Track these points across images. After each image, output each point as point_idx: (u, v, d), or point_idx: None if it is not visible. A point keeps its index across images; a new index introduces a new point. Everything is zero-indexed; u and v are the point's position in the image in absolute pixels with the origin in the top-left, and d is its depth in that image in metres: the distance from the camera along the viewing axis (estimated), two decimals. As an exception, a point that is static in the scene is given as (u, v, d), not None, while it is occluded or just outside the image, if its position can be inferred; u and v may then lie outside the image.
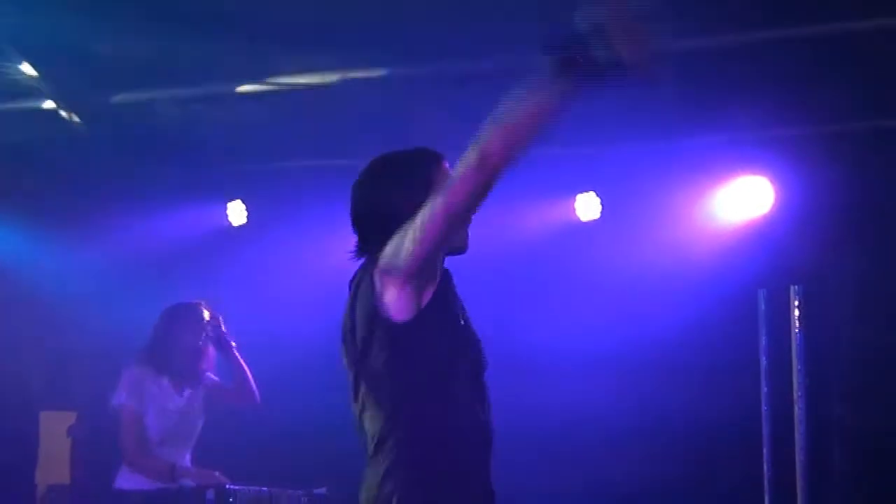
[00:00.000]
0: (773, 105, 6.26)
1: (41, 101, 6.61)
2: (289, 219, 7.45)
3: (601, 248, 7.11)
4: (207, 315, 5.79)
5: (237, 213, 7.68)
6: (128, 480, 5.52)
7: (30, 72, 6.27)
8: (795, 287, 6.18)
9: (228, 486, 5.37)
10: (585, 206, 7.19)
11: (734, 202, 6.92)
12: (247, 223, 7.69)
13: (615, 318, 6.99)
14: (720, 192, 6.96)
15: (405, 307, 3.05)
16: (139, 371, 5.65)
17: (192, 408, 5.73)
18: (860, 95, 6.23)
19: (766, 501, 6.10)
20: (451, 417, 3.07)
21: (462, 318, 3.16)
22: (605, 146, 6.76)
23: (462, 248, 3.24)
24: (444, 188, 2.87)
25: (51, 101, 6.56)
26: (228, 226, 7.70)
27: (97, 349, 7.24)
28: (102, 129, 6.85)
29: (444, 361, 3.07)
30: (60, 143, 6.90)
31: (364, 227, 3.21)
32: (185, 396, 5.70)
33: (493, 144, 2.73)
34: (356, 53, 6.15)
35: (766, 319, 6.26)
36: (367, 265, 3.15)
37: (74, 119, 6.67)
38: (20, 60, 6.18)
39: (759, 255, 6.73)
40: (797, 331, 6.10)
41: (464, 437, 3.08)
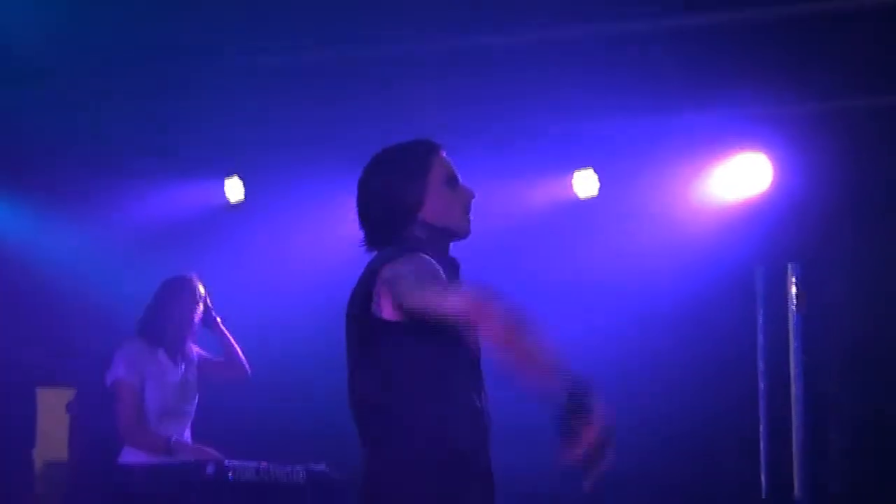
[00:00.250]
0: (772, 82, 6.24)
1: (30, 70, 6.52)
2: (287, 195, 7.43)
3: (599, 225, 7.10)
4: (202, 289, 5.78)
5: (235, 190, 7.66)
6: (131, 455, 5.52)
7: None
8: (793, 265, 6.20)
9: (227, 462, 5.36)
10: (584, 183, 7.18)
11: (732, 179, 6.91)
12: (244, 200, 7.66)
13: (613, 295, 6.99)
14: (718, 170, 6.94)
15: (401, 315, 3.07)
16: (136, 346, 5.63)
17: (189, 381, 5.72)
18: (860, 73, 6.22)
19: (763, 478, 6.12)
20: (450, 407, 3.08)
21: None
22: (604, 123, 6.75)
23: (463, 235, 3.27)
24: (485, 317, 2.85)
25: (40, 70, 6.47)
26: (226, 202, 7.68)
27: (94, 326, 7.23)
28: (99, 103, 6.81)
29: (443, 355, 3.08)
30: (50, 114, 6.84)
31: (370, 221, 3.24)
32: (182, 370, 5.70)
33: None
34: (358, 30, 6.13)
35: (764, 297, 6.28)
36: (375, 263, 3.15)
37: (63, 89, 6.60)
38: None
39: (757, 233, 6.73)
40: (794, 308, 6.11)
41: (462, 426, 3.09)
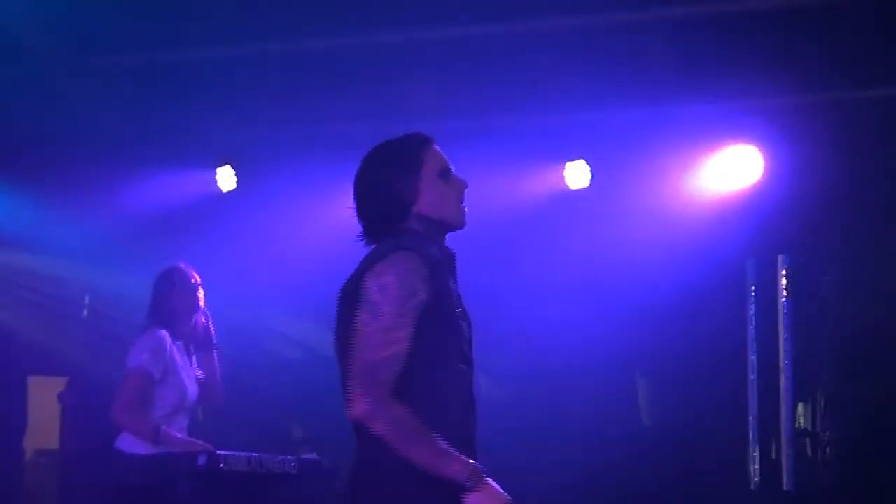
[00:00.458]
0: (764, 74, 6.25)
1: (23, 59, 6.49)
2: (279, 184, 7.43)
3: (591, 216, 7.11)
4: (196, 276, 5.76)
5: (227, 179, 7.66)
6: (126, 442, 5.49)
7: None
8: (783, 256, 6.22)
9: (219, 452, 5.34)
10: (575, 174, 7.19)
11: (724, 171, 6.93)
12: (236, 189, 7.66)
13: (604, 286, 7.01)
14: (710, 161, 6.96)
15: None
16: (160, 336, 5.48)
17: (195, 376, 5.68)
18: (851, 65, 6.23)
19: (753, 470, 6.14)
20: (439, 400, 3.11)
21: (456, 306, 3.19)
22: (596, 114, 6.75)
23: (459, 225, 3.29)
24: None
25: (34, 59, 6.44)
26: (218, 191, 7.68)
27: (86, 314, 7.24)
28: (91, 92, 6.80)
29: (432, 352, 3.11)
30: (43, 105, 6.83)
31: (367, 216, 3.27)
32: (193, 363, 5.67)
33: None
34: (348, 19, 6.13)
35: (755, 288, 6.30)
36: (367, 260, 3.17)
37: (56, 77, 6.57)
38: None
39: (748, 225, 6.75)
40: (784, 300, 6.13)
41: (450, 419, 3.12)
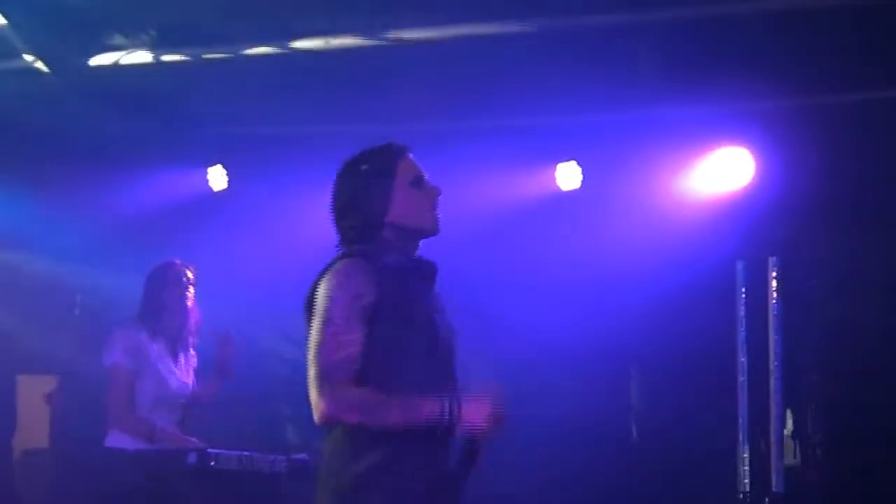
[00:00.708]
0: (754, 77, 6.26)
1: (16, 59, 6.49)
2: (270, 184, 7.43)
3: (582, 218, 7.12)
4: (190, 274, 5.76)
5: (218, 178, 7.65)
6: (115, 440, 5.51)
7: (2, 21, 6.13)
8: (773, 258, 6.23)
9: (209, 450, 5.36)
10: (567, 176, 7.20)
11: (714, 173, 6.94)
12: (227, 188, 7.66)
13: (594, 287, 7.02)
14: (701, 163, 6.97)
15: None
16: (134, 331, 5.60)
17: (185, 373, 5.69)
18: (841, 69, 6.24)
19: (743, 471, 6.15)
20: (404, 390, 3.14)
21: (422, 307, 3.21)
22: (587, 116, 6.76)
23: (432, 232, 3.34)
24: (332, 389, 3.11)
25: (26, 59, 6.43)
26: (209, 191, 7.67)
27: (77, 312, 7.23)
28: (80, 90, 6.78)
29: (390, 348, 3.17)
30: (37, 106, 6.82)
31: (339, 220, 3.38)
32: (180, 362, 5.68)
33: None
34: (340, 19, 6.13)
35: (745, 291, 6.30)
36: (323, 270, 3.28)
37: (51, 79, 6.56)
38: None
39: (739, 227, 6.76)
40: (774, 302, 6.14)
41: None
